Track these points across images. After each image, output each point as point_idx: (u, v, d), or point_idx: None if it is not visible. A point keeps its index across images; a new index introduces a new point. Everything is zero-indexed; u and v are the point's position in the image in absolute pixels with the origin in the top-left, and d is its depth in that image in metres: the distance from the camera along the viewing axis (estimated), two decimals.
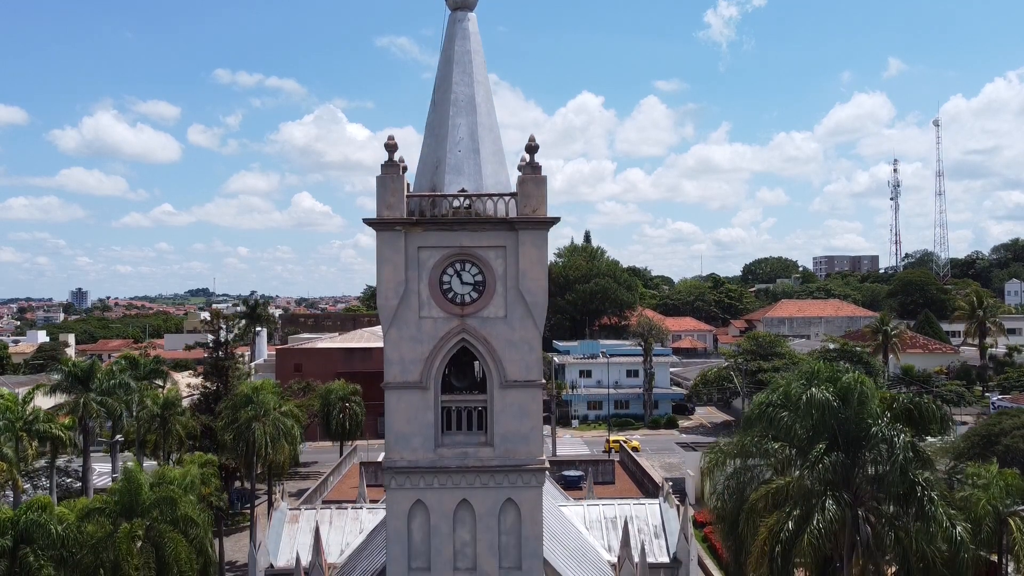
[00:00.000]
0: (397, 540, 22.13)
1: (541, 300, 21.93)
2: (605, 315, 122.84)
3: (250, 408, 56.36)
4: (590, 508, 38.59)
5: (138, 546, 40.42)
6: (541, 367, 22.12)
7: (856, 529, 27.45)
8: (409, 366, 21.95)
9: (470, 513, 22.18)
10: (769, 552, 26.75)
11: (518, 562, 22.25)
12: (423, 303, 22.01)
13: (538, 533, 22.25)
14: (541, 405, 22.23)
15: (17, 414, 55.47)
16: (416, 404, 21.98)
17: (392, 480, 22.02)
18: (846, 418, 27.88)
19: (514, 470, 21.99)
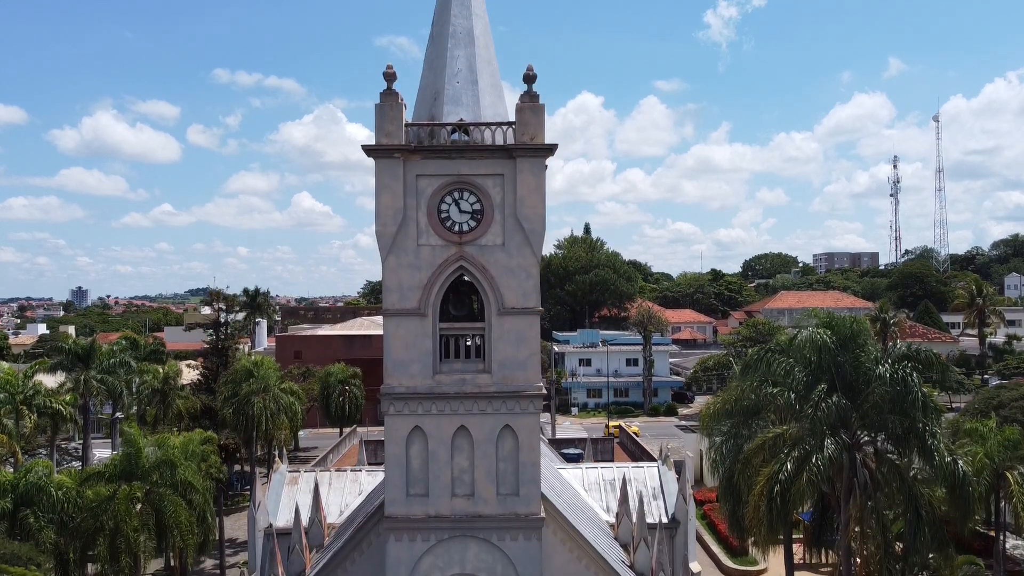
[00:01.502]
0: (395, 466, 22.24)
1: (539, 228, 22.07)
2: (605, 306, 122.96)
3: (251, 382, 56.47)
4: (588, 471, 38.59)
5: (137, 508, 40.54)
6: (539, 295, 22.24)
7: (854, 472, 27.58)
8: (407, 293, 22.08)
9: (468, 440, 22.29)
10: (767, 493, 26.84)
11: (516, 488, 22.35)
12: (421, 231, 22.15)
13: (535, 460, 22.37)
14: (539, 333, 22.36)
15: (17, 388, 55.65)
16: (414, 331, 22.10)
17: (391, 406, 22.13)
18: (844, 361, 28.01)
19: (512, 396, 22.10)
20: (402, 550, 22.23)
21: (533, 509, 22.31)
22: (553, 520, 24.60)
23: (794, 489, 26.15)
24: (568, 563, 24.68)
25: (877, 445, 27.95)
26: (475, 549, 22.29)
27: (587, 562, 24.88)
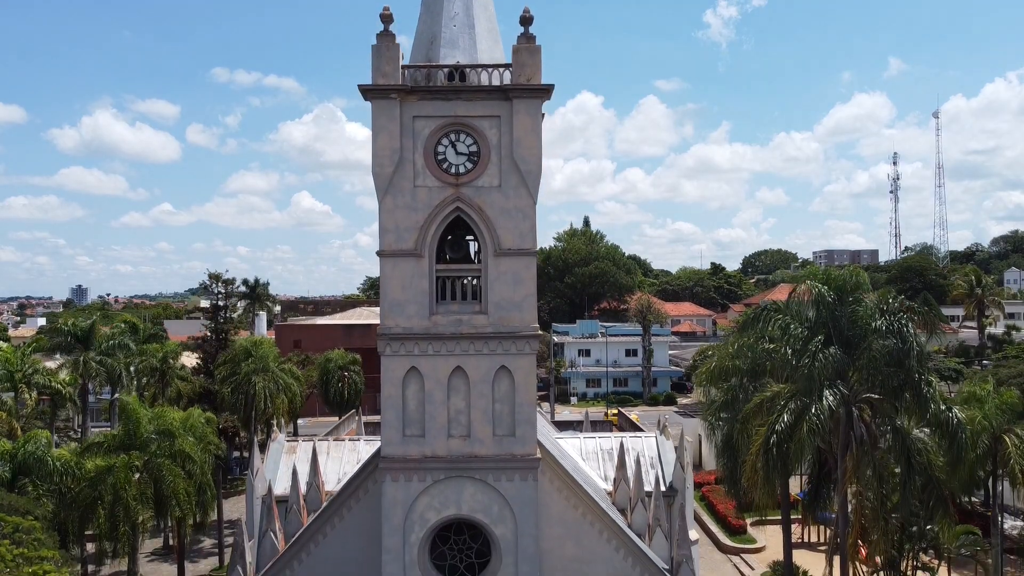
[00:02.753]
0: (391, 407, 22.31)
1: (535, 169, 22.15)
2: (604, 299, 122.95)
3: (249, 361, 56.47)
4: (587, 440, 38.58)
5: (135, 478, 40.56)
6: (535, 236, 22.32)
7: (851, 426, 27.58)
8: (404, 234, 22.15)
9: (464, 381, 22.35)
10: (764, 446, 26.86)
11: (512, 429, 22.41)
12: (418, 172, 22.23)
13: (531, 400, 22.43)
14: (535, 274, 22.43)
15: (16, 365, 55.66)
16: (411, 272, 22.18)
17: (387, 347, 22.20)
18: (841, 315, 28.01)
19: (508, 337, 22.17)
20: (398, 491, 22.27)
21: (529, 450, 22.37)
22: (549, 468, 24.65)
23: (792, 441, 26.15)
24: (565, 511, 24.71)
25: (873, 400, 27.94)
26: (471, 490, 22.35)
27: (583, 510, 24.91)
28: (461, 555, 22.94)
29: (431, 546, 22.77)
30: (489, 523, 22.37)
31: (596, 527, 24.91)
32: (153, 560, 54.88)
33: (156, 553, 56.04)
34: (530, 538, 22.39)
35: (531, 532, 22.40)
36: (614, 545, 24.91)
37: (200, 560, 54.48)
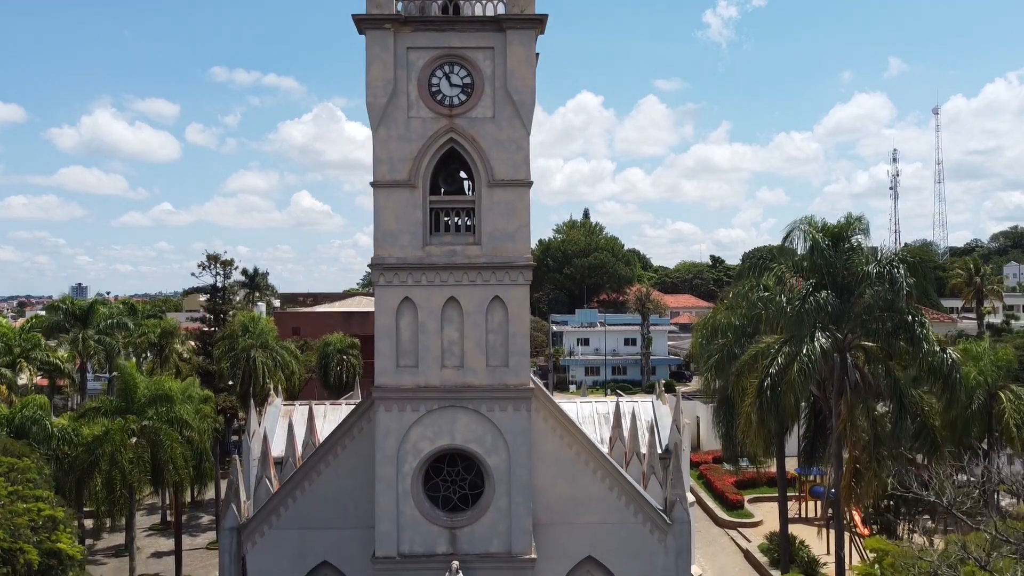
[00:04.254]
0: (385, 337, 22.36)
1: (529, 100, 22.24)
2: (604, 290, 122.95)
3: (247, 336, 56.53)
4: (583, 404, 38.69)
5: (132, 442, 40.60)
6: (529, 167, 22.38)
7: (845, 371, 27.69)
8: (398, 165, 22.23)
9: (458, 311, 22.41)
10: (758, 389, 26.94)
11: (505, 360, 22.45)
12: (412, 103, 22.31)
13: (525, 331, 22.47)
14: (528, 205, 22.49)
15: (15, 340, 55.68)
16: (404, 202, 22.25)
17: (380, 276, 22.26)
18: (836, 261, 28.10)
19: (501, 267, 22.22)
20: (392, 420, 22.32)
21: (523, 380, 22.42)
22: (543, 407, 24.71)
23: (785, 382, 26.23)
24: (559, 450, 24.75)
25: (867, 348, 28.04)
26: (464, 420, 22.39)
27: (577, 449, 24.94)
28: (454, 486, 22.97)
29: (424, 477, 22.81)
30: (482, 453, 22.42)
31: (590, 466, 24.95)
32: (151, 535, 54.98)
33: (154, 528, 56.12)
34: (523, 468, 22.42)
35: (524, 462, 22.44)
36: (608, 484, 24.93)
37: (198, 535, 54.56)
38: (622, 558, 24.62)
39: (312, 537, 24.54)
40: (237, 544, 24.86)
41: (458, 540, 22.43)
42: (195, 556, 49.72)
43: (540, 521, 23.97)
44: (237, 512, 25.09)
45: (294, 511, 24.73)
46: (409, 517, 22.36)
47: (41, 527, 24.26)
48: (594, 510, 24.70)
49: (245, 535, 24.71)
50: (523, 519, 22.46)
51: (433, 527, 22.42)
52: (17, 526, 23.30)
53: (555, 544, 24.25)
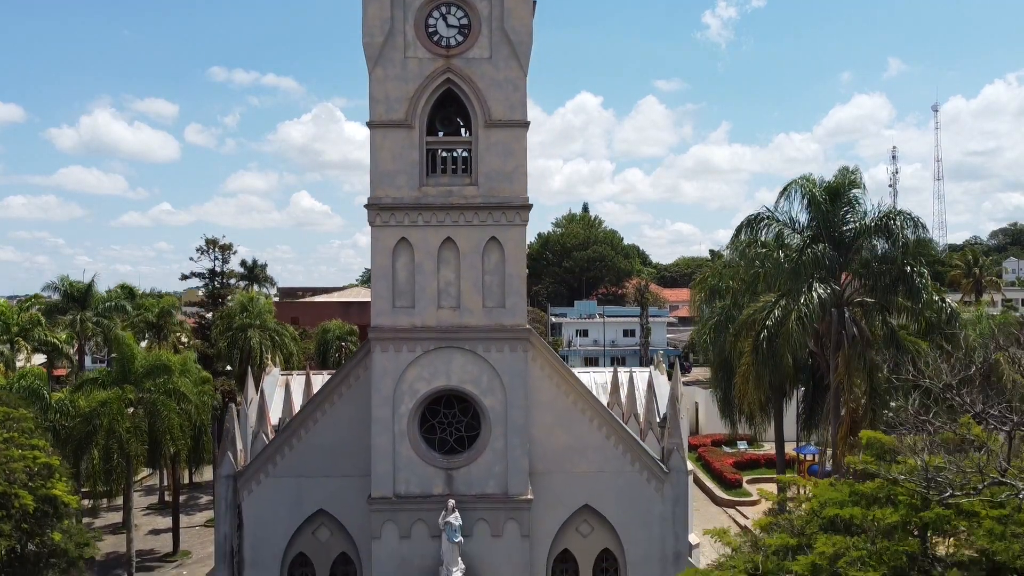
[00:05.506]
0: (381, 277, 22.32)
1: (526, 40, 22.23)
2: (603, 283, 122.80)
3: (244, 315, 56.45)
4: (581, 375, 38.49)
5: (130, 412, 40.49)
6: (526, 107, 22.36)
7: (842, 325, 27.62)
8: (394, 105, 22.21)
9: (454, 251, 22.37)
10: (754, 342, 26.86)
11: (502, 300, 22.41)
12: (408, 44, 22.29)
13: (521, 272, 22.43)
14: (525, 145, 22.46)
15: (13, 319, 55.57)
16: (401, 142, 22.22)
17: (376, 216, 22.22)
18: (835, 218, 28.02)
19: (498, 207, 22.19)
20: (388, 361, 22.27)
21: (519, 321, 22.38)
22: (541, 355, 24.60)
23: (782, 333, 26.15)
24: (556, 399, 24.65)
25: (866, 303, 28.00)
26: (461, 360, 22.34)
27: (574, 398, 24.87)
28: (451, 429, 22.92)
29: (421, 419, 22.75)
30: (478, 394, 22.37)
31: (587, 415, 24.88)
32: (148, 514, 54.81)
33: (151, 508, 55.97)
34: (519, 409, 22.37)
35: (520, 403, 22.39)
36: (605, 433, 24.86)
37: (195, 513, 54.36)
38: (619, 506, 24.54)
39: (308, 485, 24.45)
40: (233, 492, 24.79)
41: (454, 481, 22.37)
42: (193, 533, 49.57)
43: (537, 470, 23.88)
44: (233, 460, 25.02)
45: (290, 459, 24.65)
46: (405, 458, 22.31)
47: (37, 474, 24.15)
48: (591, 459, 24.61)
49: (241, 483, 24.64)
50: (519, 460, 22.41)
51: (429, 468, 22.37)
52: (12, 471, 23.19)
53: (552, 493, 24.13)
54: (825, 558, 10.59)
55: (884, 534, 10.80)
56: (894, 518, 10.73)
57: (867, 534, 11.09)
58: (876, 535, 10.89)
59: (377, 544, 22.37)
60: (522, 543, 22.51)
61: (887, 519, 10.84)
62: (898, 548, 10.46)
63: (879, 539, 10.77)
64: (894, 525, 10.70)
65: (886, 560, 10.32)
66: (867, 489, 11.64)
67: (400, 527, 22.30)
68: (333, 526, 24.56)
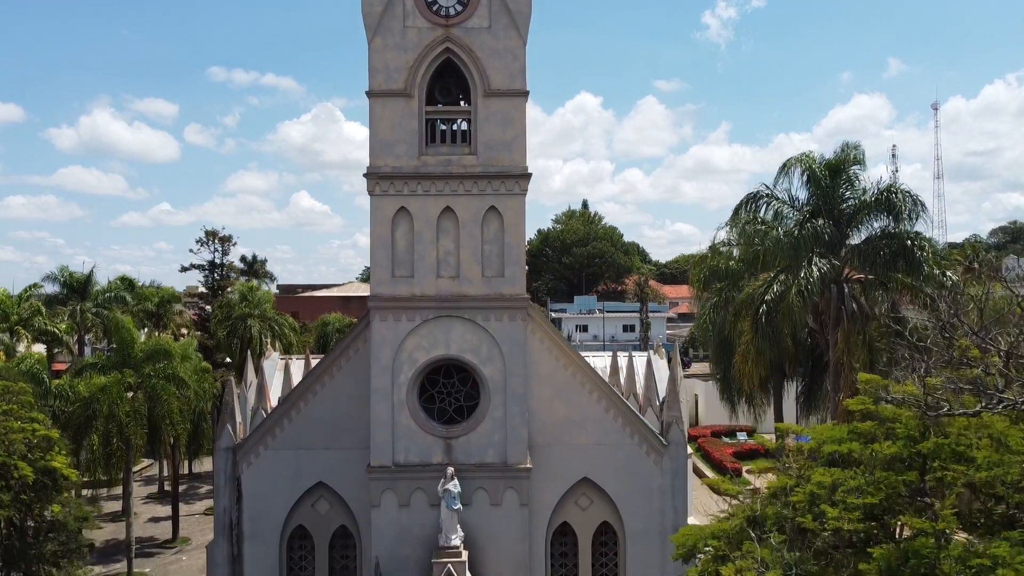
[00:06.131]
0: (381, 247, 22.33)
1: (525, 9, 22.26)
2: (602, 279, 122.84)
3: (244, 304, 56.46)
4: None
5: (130, 396, 40.49)
6: (525, 76, 22.38)
7: (841, 301, 27.64)
8: (393, 74, 22.24)
9: (453, 221, 22.39)
10: (755, 315, 26.86)
11: (501, 270, 22.43)
12: (407, 13, 22.32)
13: (520, 241, 22.45)
14: (525, 115, 22.48)
15: (12, 308, 55.49)
16: (400, 112, 22.25)
17: (376, 186, 22.25)
18: (835, 194, 28.02)
19: (497, 176, 22.21)
20: (387, 330, 22.29)
21: (518, 290, 22.39)
22: (539, 328, 24.59)
23: (782, 307, 26.14)
24: (555, 371, 24.62)
25: (865, 280, 28.03)
26: (460, 330, 22.35)
27: (573, 370, 24.84)
28: (450, 399, 22.94)
29: (420, 389, 22.76)
30: (478, 363, 22.38)
31: (586, 388, 24.87)
32: (148, 502, 54.83)
33: (151, 497, 55.99)
34: (518, 378, 22.38)
35: (519, 372, 22.40)
36: (604, 405, 24.85)
37: (195, 502, 54.37)
38: (618, 479, 24.52)
39: (307, 458, 24.45)
40: (232, 465, 24.80)
41: (454, 450, 22.39)
42: (192, 521, 49.59)
43: (536, 442, 23.86)
44: (232, 432, 25.02)
45: (289, 432, 24.65)
46: (404, 427, 22.32)
47: (36, 446, 24.15)
48: (590, 431, 24.60)
49: (240, 455, 24.65)
50: (518, 429, 22.43)
51: (429, 437, 22.38)
52: (12, 442, 23.19)
53: (551, 465, 24.09)
54: (824, 488, 10.65)
55: (882, 466, 10.85)
56: (892, 450, 10.77)
57: (865, 466, 11.13)
58: (874, 467, 10.92)
59: (376, 513, 22.39)
60: (521, 512, 22.52)
61: (885, 451, 10.87)
62: (896, 478, 10.52)
63: (877, 470, 10.81)
64: (893, 457, 10.75)
65: (884, 488, 10.38)
66: (865, 427, 11.68)
67: (399, 496, 22.31)
68: (332, 499, 24.56)
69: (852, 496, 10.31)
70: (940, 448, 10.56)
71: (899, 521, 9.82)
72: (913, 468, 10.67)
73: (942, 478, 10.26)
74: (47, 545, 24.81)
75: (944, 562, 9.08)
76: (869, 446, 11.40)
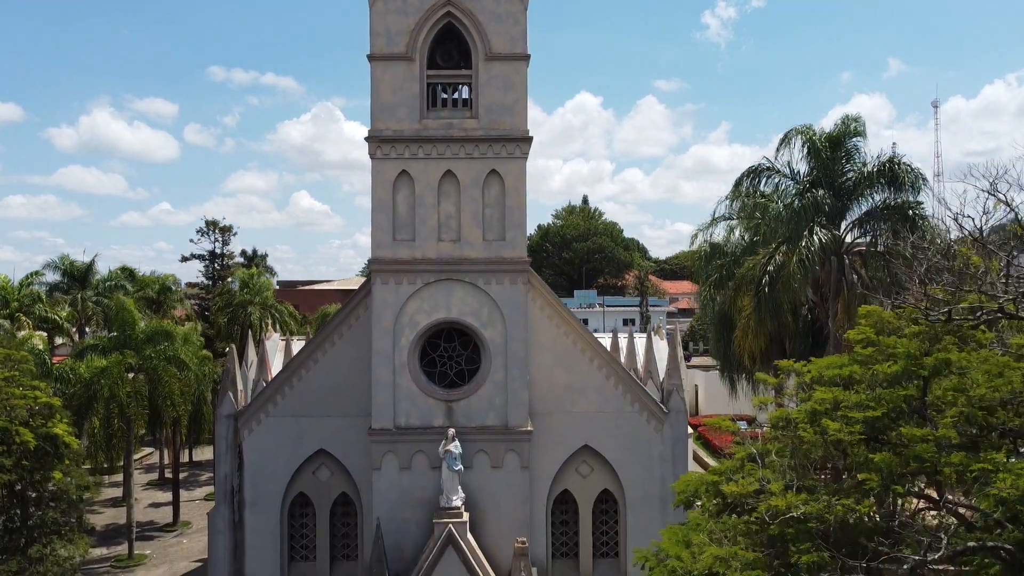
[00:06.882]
0: (382, 210, 22.37)
1: None
2: (602, 274, 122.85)
3: (244, 292, 56.50)
4: None
5: (130, 376, 40.51)
6: (526, 40, 22.43)
7: (842, 272, 27.67)
8: (395, 38, 22.29)
9: (455, 185, 22.44)
10: (756, 285, 26.87)
11: (502, 234, 22.47)
12: None
13: (521, 205, 22.48)
14: (526, 79, 22.52)
15: (13, 295, 55.53)
16: (402, 75, 22.30)
17: (377, 149, 22.29)
18: (836, 166, 28.02)
19: (498, 140, 22.26)
20: (388, 293, 22.32)
21: (519, 253, 22.43)
22: (540, 296, 24.64)
23: (783, 276, 26.14)
24: (556, 339, 24.66)
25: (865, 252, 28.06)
26: (461, 293, 22.39)
27: (574, 338, 24.88)
28: (451, 363, 22.97)
29: (421, 353, 22.80)
30: (478, 326, 22.42)
31: (587, 355, 24.90)
32: (148, 489, 54.80)
33: (151, 484, 55.96)
34: (519, 342, 22.41)
35: (520, 335, 22.43)
36: (604, 373, 24.87)
37: (195, 488, 54.35)
38: (619, 447, 24.55)
39: (309, 425, 24.47)
40: (233, 432, 24.83)
41: (455, 414, 22.42)
42: (193, 506, 49.53)
43: (537, 410, 23.88)
44: (234, 399, 25.05)
45: (291, 399, 24.68)
46: (405, 390, 22.35)
47: (37, 413, 24.19)
48: (591, 399, 24.62)
49: (242, 422, 24.67)
50: (519, 392, 22.46)
51: (430, 400, 22.41)
52: (13, 407, 23.22)
53: (552, 433, 24.13)
54: (825, 404, 10.67)
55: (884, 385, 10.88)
56: (894, 369, 10.81)
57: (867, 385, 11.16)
58: (876, 386, 10.96)
59: (377, 475, 22.41)
60: (522, 474, 22.56)
61: (887, 371, 10.90)
62: (897, 394, 10.54)
63: (879, 388, 10.85)
64: (894, 375, 10.78)
65: (885, 403, 10.40)
66: (866, 352, 11.72)
67: (400, 458, 22.34)
68: (333, 466, 24.59)
69: (854, 411, 10.34)
70: (941, 364, 10.59)
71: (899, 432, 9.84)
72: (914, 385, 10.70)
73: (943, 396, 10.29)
74: (48, 513, 24.83)
75: (944, 467, 9.16)
76: (870, 367, 11.43)
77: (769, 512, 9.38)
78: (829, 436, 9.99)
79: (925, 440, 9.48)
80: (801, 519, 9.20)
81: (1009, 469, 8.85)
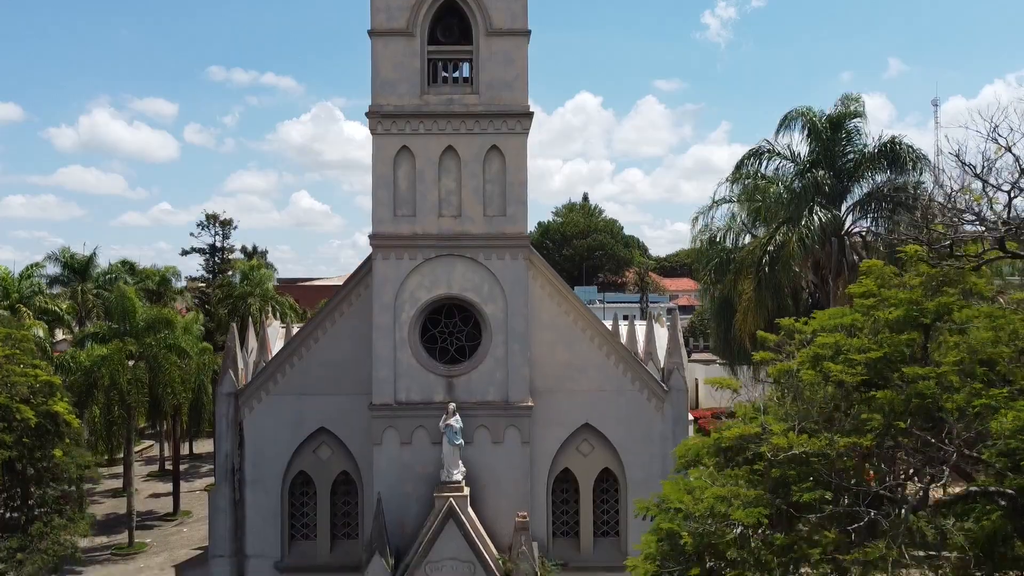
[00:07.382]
0: (383, 186, 22.38)
1: None
2: (602, 271, 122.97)
3: (244, 283, 56.52)
4: None
5: (131, 364, 40.51)
6: (526, 16, 22.44)
7: (842, 253, 27.69)
8: (395, 13, 22.31)
9: (455, 160, 22.44)
10: (757, 265, 26.89)
11: (503, 209, 22.48)
12: None
13: (522, 180, 22.49)
14: (526, 54, 22.53)
15: (13, 286, 55.51)
16: (402, 51, 22.31)
17: (378, 125, 22.29)
18: (836, 147, 28.05)
19: (499, 115, 22.26)
20: (389, 269, 22.33)
21: (520, 228, 22.43)
22: (540, 274, 24.62)
23: (784, 255, 26.16)
24: (556, 317, 24.63)
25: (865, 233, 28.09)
26: (461, 268, 22.39)
27: (575, 316, 24.86)
28: (452, 339, 22.97)
29: (422, 330, 22.79)
30: (479, 302, 22.42)
31: (588, 334, 24.89)
32: (149, 480, 54.85)
33: (152, 475, 56.00)
34: (520, 317, 22.42)
35: (521, 311, 22.44)
36: (605, 351, 24.86)
37: (195, 480, 54.41)
38: (619, 425, 24.52)
39: (309, 403, 24.43)
40: (234, 410, 24.82)
41: (455, 389, 22.41)
42: (193, 497, 49.58)
43: (537, 388, 23.85)
44: (234, 377, 25.05)
45: (291, 377, 24.65)
46: (406, 365, 22.35)
47: (38, 391, 24.19)
48: (591, 377, 24.59)
49: (242, 400, 24.66)
50: (520, 367, 22.46)
51: (430, 376, 22.41)
52: (14, 384, 23.22)
53: (552, 411, 24.08)
54: (827, 349, 10.68)
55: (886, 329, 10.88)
56: (896, 314, 10.81)
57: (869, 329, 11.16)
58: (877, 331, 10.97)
59: (378, 450, 22.41)
60: (522, 449, 22.55)
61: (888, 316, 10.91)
62: (899, 337, 10.54)
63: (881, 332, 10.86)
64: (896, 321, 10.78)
65: (887, 345, 10.40)
66: (868, 302, 11.71)
67: (401, 433, 22.34)
68: (334, 444, 24.56)
69: (854, 353, 10.35)
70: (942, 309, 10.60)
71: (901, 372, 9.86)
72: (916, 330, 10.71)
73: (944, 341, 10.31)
74: (48, 491, 24.84)
75: (947, 402, 9.16)
76: (872, 313, 11.43)
77: (771, 451, 9.40)
78: (832, 376, 10.01)
79: (927, 378, 9.49)
80: (803, 458, 9.23)
81: (1011, 406, 8.85)
